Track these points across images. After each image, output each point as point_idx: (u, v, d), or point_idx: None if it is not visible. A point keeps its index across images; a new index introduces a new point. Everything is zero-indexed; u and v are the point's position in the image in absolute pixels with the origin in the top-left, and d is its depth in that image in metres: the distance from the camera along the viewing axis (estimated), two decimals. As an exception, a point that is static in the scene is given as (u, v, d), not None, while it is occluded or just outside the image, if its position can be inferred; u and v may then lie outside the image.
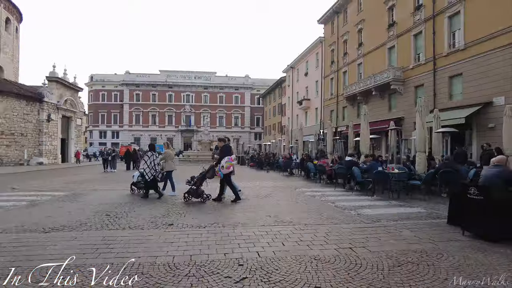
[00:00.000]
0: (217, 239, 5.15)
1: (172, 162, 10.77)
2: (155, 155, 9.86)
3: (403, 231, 5.76)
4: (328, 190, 11.77)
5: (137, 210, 7.66)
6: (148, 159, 9.71)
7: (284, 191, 11.52)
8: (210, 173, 9.24)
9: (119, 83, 70.58)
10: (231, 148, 9.49)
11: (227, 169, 8.85)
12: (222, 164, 8.83)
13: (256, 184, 13.67)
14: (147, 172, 9.61)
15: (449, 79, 20.53)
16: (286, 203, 8.80)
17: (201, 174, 9.23)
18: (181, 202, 8.95)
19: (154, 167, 9.71)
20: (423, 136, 11.85)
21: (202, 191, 9.05)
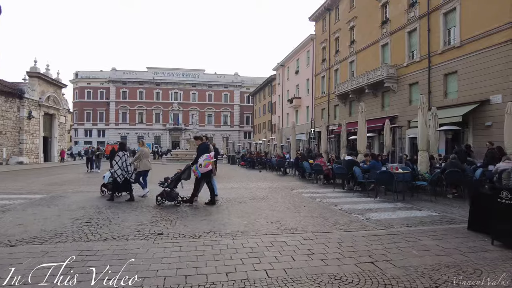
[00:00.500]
0: (215, 252, 4.41)
1: (147, 161, 9.99)
2: (126, 155, 9.13)
3: (423, 239, 5.13)
4: (327, 191, 11.14)
5: (122, 216, 6.85)
6: (120, 159, 8.94)
7: (280, 192, 10.84)
8: (186, 174, 8.47)
9: (105, 80, 68.82)
10: (209, 146, 8.69)
11: (206, 168, 8.10)
12: (200, 163, 8.09)
13: (250, 185, 12.96)
14: (118, 173, 8.83)
15: (445, 77, 20.20)
16: (286, 207, 8.11)
17: (176, 175, 8.47)
18: (171, 206, 8.17)
19: (126, 167, 8.96)
20: (425, 134, 11.33)
21: (176, 194, 8.33)
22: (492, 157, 12.41)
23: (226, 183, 13.80)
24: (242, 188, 11.98)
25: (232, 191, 11.11)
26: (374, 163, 10.85)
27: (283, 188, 11.90)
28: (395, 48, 24.74)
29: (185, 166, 8.69)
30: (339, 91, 31.04)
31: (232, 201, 8.82)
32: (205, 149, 8.40)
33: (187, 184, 9.12)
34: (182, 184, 8.75)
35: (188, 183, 9.04)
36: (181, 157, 34.17)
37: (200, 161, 8.12)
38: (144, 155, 9.87)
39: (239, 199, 9.15)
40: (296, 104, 43.20)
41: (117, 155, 9.08)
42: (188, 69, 72.56)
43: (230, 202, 8.65)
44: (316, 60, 38.62)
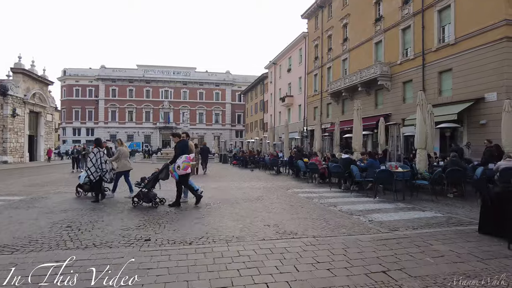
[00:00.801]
0: (209, 262, 3.93)
1: (127, 161, 9.47)
2: (101, 152, 8.61)
3: (434, 244, 4.74)
4: (323, 190, 10.74)
5: (106, 219, 6.32)
6: (94, 156, 8.43)
7: (275, 192, 10.39)
8: (163, 174, 7.93)
9: (94, 78, 67.53)
10: (188, 145, 8.13)
11: (184, 170, 7.56)
12: (178, 164, 7.54)
13: (244, 185, 12.49)
14: (92, 171, 8.32)
15: (439, 75, 20.02)
16: (283, 208, 7.66)
17: (153, 175, 7.96)
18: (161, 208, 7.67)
19: (101, 165, 8.44)
20: (423, 132, 10.99)
21: (154, 195, 7.82)
22: (491, 155, 12.18)
23: (219, 182, 13.33)
24: (235, 188, 11.51)
25: (225, 191, 10.63)
26: (371, 162, 10.50)
27: (278, 188, 11.47)
28: (388, 46, 24.51)
29: (163, 165, 8.15)
30: (332, 89, 30.76)
31: (225, 202, 8.34)
32: (184, 148, 7.87)
33: (165, 184, 8.58)
34: (160, 184, 8.22)
35: (167, 183, 8.47)
36: (172, 156, 33.58)
37: (178, 162, 7.58)
38: (123, 155, 9.31)
39: (232, 200, 8.67)
40: (289, 102, 42.85)
41: (92, 152, 8.58)
42: (179, 67, 71.71)
43: (223, 204, 8.18)
44: (308, 58, 38.30)
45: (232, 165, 26.56)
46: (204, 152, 19.28)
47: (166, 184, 8.67)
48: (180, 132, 8.82)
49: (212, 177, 15.78)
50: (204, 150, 19.43)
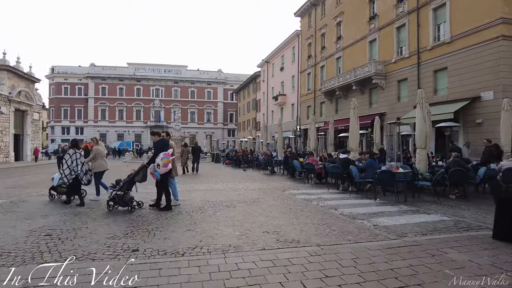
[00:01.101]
0: (204, 278, 3.47)
1: (103, 160, 8.95)
2: (78, 153, 8.13)
3: (449, 253, 4.36)
4: (321, 192, 10.34)
5: (91, 226, 5.81)
6: (69, 157, 7.93)
7: (271, 194, 9.95)
8: (140, 176, 7.44)
9: (83, 76, 66.30)
10: (168, 144, 7.66)
11: (165, 168, 7.10)
12: (158, 163, 7.08)
13: (238, 186, 12.02)
14: (66, 174, 7.82)
15: (434, 73, 19.84)
16: (281, 212, 7.22)
17: (129, 177, 7.46)
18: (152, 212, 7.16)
19: (77, 167, 7.95)
20: (424, 131, 10.67)
21: (130, 198, 7.33)
22: (490, 155, 11.95)
23: (211, 183, 12.84)
24: (229, 189, 11.04)
25: (218, 193, 10.15)
26: (370, 162, 10.14)
27: (274, 189, 11.03)
28: (383, 44, 24.27)
29: (140, 166, 7.65)
30: (325, 88, 30.47)
31: (219, 206, 7.87)
32: (164, 147, 7.39)
33: (142, 186, 8.07)
34: (136, 187, 7.73)
35: (145, 185, 7.99)
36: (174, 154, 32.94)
37: (157, 160, 7.10)
38: (100, 155, 8.80)
39: (227, 203, 8.21)
40: (281, 101, 42.48)
41: (67, 153, 8.06)
42: (170, 65, 70.81)
43: (217, 207, 7.70)
44: (301, 56, 37.97)
45: (225, 164, 26.06)
46: (195, 152, 19.04)
47: (143, 186, 8.12)
48: (161, 131, 8.31)
49: (205, 178, 15.28)
50: (195, 150, 19.20)
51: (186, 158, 17.93)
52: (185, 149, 18.30)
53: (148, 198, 7.84)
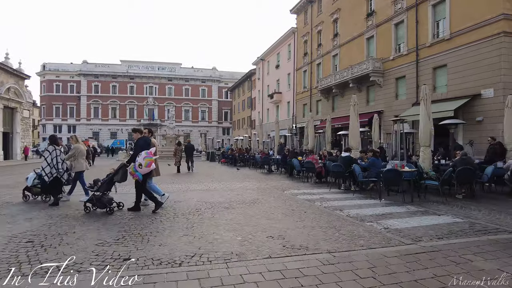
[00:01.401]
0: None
1: (83, 160, 8.48)
2: (58, 150, 7.65)
3: (474, 260, 3.97)
4: (322, 191, 9.94)
5: (78, 230, 5.33)
6: (49, 155, 7.44)
7: (271, 194, 9.52)
8: (119, 175, 6.98)
9: (75, 73, 65.16)
10: (150, 143, 7.23)
11: (147, 168, 6.66)
12: (139, 162, 6.63)
13: (236, 185, 11.57)
14: (47, 172, 7.34)
15: (433, 71, 19.54)
16: (284, 213, 6.79)
17: (108, 177, 6.99)
18: (146, 214, 6.69)
19: (57, 165, 7.47)
20: (428, 129, 10.33)
21: (109, 199, 6.88)
22: (494, 153, 11.67)
23: (208, 183, 12.36)
24: (227, 189, 10.58)
25: (215, 193, 9.69)
26: (373, 160, 9.77)
27: (273, 189, 10.60)
28: (381, 41, 23.95)
29: (119, 165, 7.17)
30: (322, 85, 30.08)
31: (217, 207, 7.42)
32: (146, 146, 6.95)
33: (122, 186, 7.60)
34: (116, 187, 7.27)
35: (124, 185, 7.52)
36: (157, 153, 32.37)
37: (139, 160, 6.65)
38: (80, 153, 8.30)
39: (225, 204, 7.75)
40: (277, 99, 42.06)
41: (47, 150, 7.58)
42: (163, 62, 70.02)
43: (215, 208, 7.25)
44: (297, 54, 37.57)
45: (221, 163, 25.56)
46: (188, 150, 18.56)
47: (123, 186, 7.65)
48: (142, 128, 7.81)
49: (201, 177, 14.80)
50: (188, 148, 18.71)
51: (180, 157, 17.55)
52: (178, 147, 17.95)
53: (130, 200, 7.31)
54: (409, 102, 20.99)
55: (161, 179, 13.43)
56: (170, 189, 10.40)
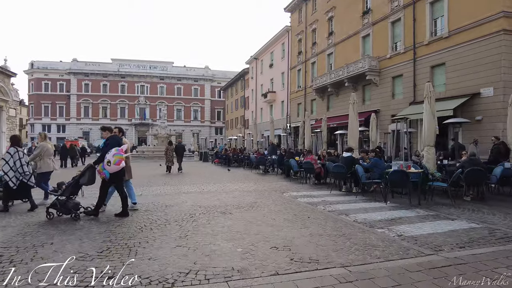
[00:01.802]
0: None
1: (50, 160, 7.86)
2: (20, 152, 7.01)
3: (508, 274, 3.48)
4: (323, 194, 9.43)
5: (57, 241, 4.71)
6: (10, 157, 6.79)
7: (270, 196, 8.98)
8: (86, 178, 6.38)
9: (65, 72, 63.87)
10: (121, 141, 6.67)
11: (116, 166, 6.12)
12: (108, 159, 6.10)
13: (231, 187, 11.00)
14: (10, 176, 6.69)
15: (431, 69, 19.23)
16: (286, 219, 6.24)
17: (74, 179, 6.38)
18: (135, 220, 6.10)
19: (21, 168, 6.84)
20: (432, 128, 9.88)
21: (75, 204, 6.27)
22: (498, 153, 11.31)
23: (201, 184, 11.77)
24: (222, 191, 10.01)
25: (210, 196, 9.11)
26: (376, 161, 9.30)
27: (271, 191, 10.06)
28: (377, 40, 23.59)
29: (85, 166, 6.56)
30: (316, 84, 29.66)
31: (213, 212, 6.84)
32: (116, 145, 6.39)
33: (89, 190, 6.99)
34: (82, 190, 6.69)
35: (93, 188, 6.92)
36: (148, 154, 31.60)
37: (108, 157, 6.11)
38: (46, 153, 7.68)
39: (222, 208, 7.18)
40: (271, 98, 41.56)
41: (7, 153, 6.91)
42: (155, 61, 69.04)
43: (211, 213, 6.68)
44: (291, 52, 37.12)
45: (214, 163, 24.93)
46: (179, 150, 18.23)
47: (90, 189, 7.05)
48: (113, 127, 7.19)
49: (194, 178, 14.21)
50: (178, 148, 18.39)
51: (171, 156, 17.26)
52: (169, 147, 17.62)
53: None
54: (406, 101, 20.67)
55: (152, 180, 12.85)
56: (161, 192, 9.81)
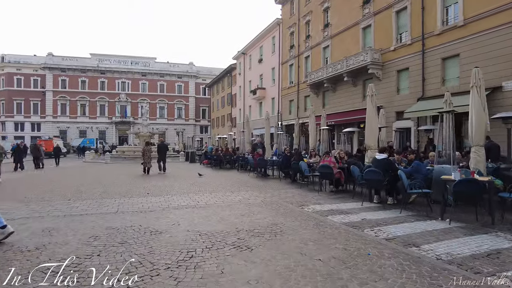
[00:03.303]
0: None
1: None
2: None
3: None
4: (355, 207, 7.38)
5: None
6: None
7: (289, 213, 6.83)
8: None
9: (39, 67, 59.89)
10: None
11: None
12: None
13: (233, 198, 8.77)
14: None
15: (442, 62, 17.54)
16: (340, 261, 4.03)
17: None
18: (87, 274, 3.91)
19: None
20: (483, 123, 8.03)
21: None
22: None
23: (194, 194, 9.50)
24: (224, 204, 7.81)
25: (210, 213, 6.89)
26: (418, 165, 7.36)
27: (285, 203, 7.93)
28: (379, 31, 21.82)
29: None
30: (311, 80, 27.73)
31: (222, 245, 4.61)
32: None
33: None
34: None
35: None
36: (129, 154, 28.97)
37: None
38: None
39: (233, 237, 4.97)
40: (260, 95, 39.46)
41: None
42: (137, 56, 65.88)
43: (219, 249, 4.44)
44: (283, 46, 35.12)
45: (203, 165, 22.59)
46: (161, 150, 17.25)
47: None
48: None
49: (183, 184, 11.92)
50: (161, 147, 17.40)
51: (148, 157, 16.35)
52: (146, 147, 16.81)
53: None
54: (413, 96, 18.96)
55: (133, 187, 10.58)
56: (144, 206, 7.56)
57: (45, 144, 35.84)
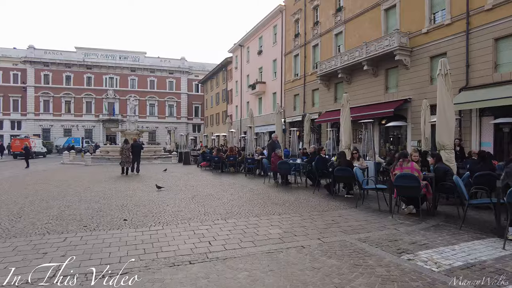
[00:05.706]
0: None
1: None
2: None
3: None
4: (481, 252, 4.11)
5: None
6: None
7: (386, 278, 3.51)
8: None
9: (20, 60, 55.50)
10: None
11: None
12: None
13: (265, 230, 5.35)
14: None
15: (494, 43, 14.38)
16: None
17: None
18: None
19: None
20: None
21: None
22: None
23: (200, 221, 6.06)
24: (257, 251, 4.38)
25: (243, 276, 3.51)
26: None
27: (366, 247, 4.55)
28: (406, 11, 18.61)
29: None
30: (322, 70, 24.44)
31: None
32: None
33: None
34: None
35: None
36: (114, 154, 25.20)
37: None
38: None
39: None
40: (260, 90, 36.04)
41: None
42: (126, 51, 61.74)
43: None
44: (286, 36, 31.79)
45: (201, 167, 19.03)
46: (135, 149, 16.32)
47: None
48: None
49: (180, 201, 8.48)
50: (134, 147, 16.42)
51: (127, 156, 15.84)
52: (125, 146, 16.13)
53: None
54: (454, 86, 15.77)
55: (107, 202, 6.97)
56: (111, 254, 4.11)
57: (20, 143, 32.47)
